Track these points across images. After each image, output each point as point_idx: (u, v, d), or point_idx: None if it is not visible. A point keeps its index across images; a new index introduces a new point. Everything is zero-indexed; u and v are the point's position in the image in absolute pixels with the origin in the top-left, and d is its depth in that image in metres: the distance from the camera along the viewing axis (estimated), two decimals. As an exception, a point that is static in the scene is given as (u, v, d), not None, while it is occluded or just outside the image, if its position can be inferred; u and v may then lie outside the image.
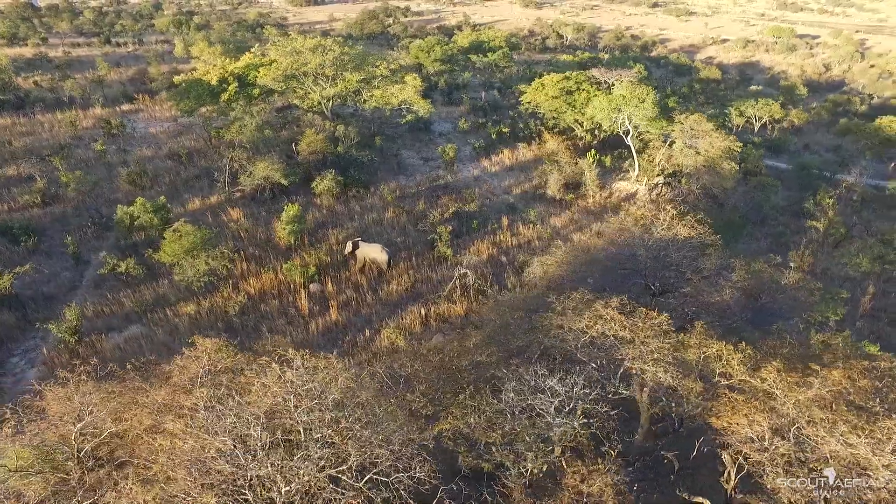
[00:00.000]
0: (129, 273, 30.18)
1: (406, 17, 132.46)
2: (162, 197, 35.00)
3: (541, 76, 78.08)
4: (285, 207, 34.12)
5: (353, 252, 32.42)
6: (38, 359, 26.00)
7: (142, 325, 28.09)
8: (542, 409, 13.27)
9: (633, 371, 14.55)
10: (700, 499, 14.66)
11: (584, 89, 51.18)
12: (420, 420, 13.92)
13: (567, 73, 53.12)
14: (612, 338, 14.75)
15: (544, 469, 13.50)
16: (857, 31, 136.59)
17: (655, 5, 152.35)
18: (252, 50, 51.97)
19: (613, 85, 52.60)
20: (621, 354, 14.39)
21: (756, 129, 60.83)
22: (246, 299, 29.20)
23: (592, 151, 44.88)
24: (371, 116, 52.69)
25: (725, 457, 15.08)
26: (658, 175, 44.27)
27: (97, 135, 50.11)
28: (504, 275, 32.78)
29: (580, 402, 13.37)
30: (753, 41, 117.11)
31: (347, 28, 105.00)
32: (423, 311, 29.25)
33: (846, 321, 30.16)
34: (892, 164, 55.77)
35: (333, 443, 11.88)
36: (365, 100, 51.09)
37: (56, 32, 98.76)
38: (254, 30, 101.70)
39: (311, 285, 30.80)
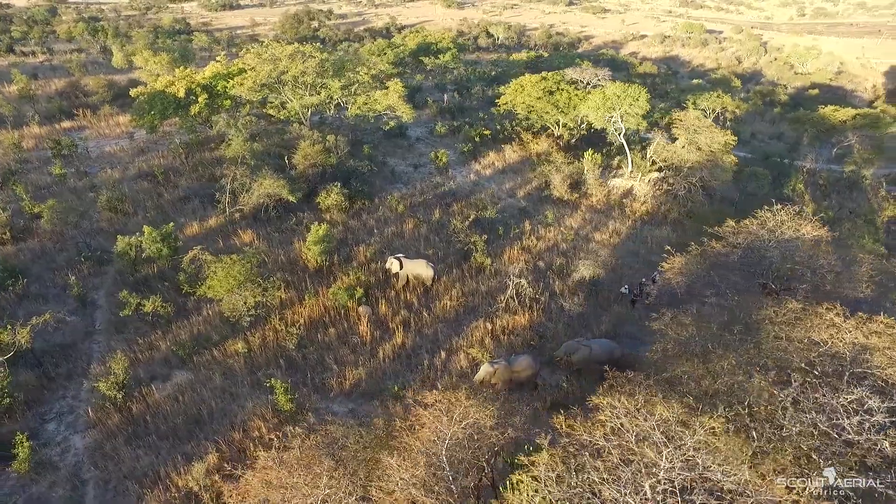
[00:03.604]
0: (156, 312, 26.86)
1: (330, 20, 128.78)
2: (170, 223, 31.46)
3: (489, 75, 78.61)
4: (312, 227, 31.69)
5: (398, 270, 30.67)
6: (79, 422, 22.45)
7: (187, 370, 25.07)
8: (849, 428, 12.92)
9: (884, 377, 14.52)
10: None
11: (563, 89, 51.66)
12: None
13: (544, 74, 53.38)
14: (850, 346, 14.73)
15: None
16: (752, 27, 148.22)
17: (571, 3, 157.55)
18: (218, 58, 48.10)
19: (590, 84, 53.56)
20: (868, 362, 14.35)
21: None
22: (301, 330, 26.79)
23: (590, 151, 45.34)
24: (352, 124, 50.40)
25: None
26: (651, 171, 45.37)
27: (44, 156, 44.60)
28: (549, 280, 32.30)
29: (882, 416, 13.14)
30: (669, 36, 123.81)
31: (282, 32, 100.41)
32: (489, 326, 28.15)
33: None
34: (835, 150, 60.60)
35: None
36: (340, 104, 48.77)
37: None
38: (173, 37, 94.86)
39: (359, 308, 28.81)
